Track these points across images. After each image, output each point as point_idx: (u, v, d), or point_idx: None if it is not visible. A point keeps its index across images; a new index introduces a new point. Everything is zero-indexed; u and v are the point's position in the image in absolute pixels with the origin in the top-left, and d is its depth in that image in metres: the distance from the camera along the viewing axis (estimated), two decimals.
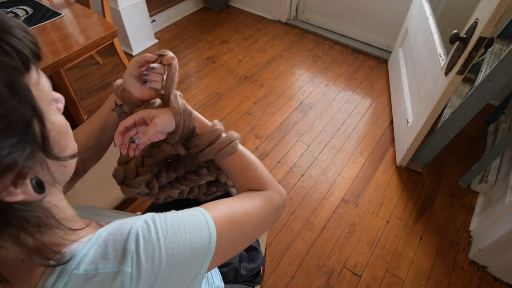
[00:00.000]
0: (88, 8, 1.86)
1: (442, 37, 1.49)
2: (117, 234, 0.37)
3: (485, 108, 1.59)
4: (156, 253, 0.36)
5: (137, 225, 0.38)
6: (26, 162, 0.30)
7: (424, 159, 1.69)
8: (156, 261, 0.36)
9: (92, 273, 0.34)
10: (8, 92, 0.28)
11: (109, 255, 0.35)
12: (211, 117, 1.99)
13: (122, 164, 0.62)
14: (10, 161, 0.28)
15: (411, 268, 1.38)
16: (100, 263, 0.34)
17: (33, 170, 0.31)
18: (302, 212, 1.55)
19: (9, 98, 0.28)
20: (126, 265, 0.35)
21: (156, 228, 0.38)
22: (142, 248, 0.36)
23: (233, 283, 0.82)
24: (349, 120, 2.01)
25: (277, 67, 2.37)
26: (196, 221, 0.42)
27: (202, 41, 2.58)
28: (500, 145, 1.40)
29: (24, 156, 0.29)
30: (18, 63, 0.29)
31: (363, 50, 2.53)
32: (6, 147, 0.28)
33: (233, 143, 0.57)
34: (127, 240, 0.36)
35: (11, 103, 0.28)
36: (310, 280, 1.33)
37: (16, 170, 0.29)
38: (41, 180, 0.32)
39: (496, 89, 1.25)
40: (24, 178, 0.30)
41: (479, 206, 1.57)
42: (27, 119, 0.29)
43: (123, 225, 0.38)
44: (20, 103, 0.29)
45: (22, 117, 0.29)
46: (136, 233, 0.37)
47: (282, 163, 1.76)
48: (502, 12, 1.01)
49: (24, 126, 0.29)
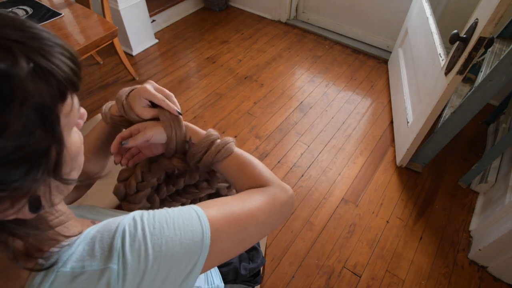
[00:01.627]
0: (88, 8, 1.86)
1: (442, 37, 1.49)
2: (105, 232, 0.37)
3: (485, 108, 1.59)
4: (142, 249, 0.36)
5: (124, 222, 0.38)
6: (32, 185, 0.29)
7: (424, 159, 1.69)
8: (142, 257, 0.36)
9: (78, 271, 0.34)
10: (38, 121, 0.27)
11: (95, 252, 0.35)
12: (211, 117, 2.00)
13: (122, 181, 0.64)
14: (16, 186, 0.27)
15: (411, 268, 1.38)
16: (87, 260, 0.34)
17: (35, 190, 0.31)
18: (302, 212, 1.55)
19: (36, 128, 0.26)
20: (112, 262, 0.34)
21: (143, 224, 0.38)
22: (128, 245, 0.35)
23: (233, 283, 0.82)
24: (349, 120, 2.01)
25: (277, 67, 2.37)
26: (188, 217, 0.41)
27: (202, 41, 2.58)
28: (500, 145, 1.40)
29: (31, 180, 0.28)
30: (56, 93, 0.28)
31: (363, 50, 2.53)
32: (17, 175, 0.27)
33: (228, 145, 0.57)
34: (114, 237, 0.36)
35: (36, 134, 0.27)
36: (310, 280, 1.33)
37: (19, 193, 0.28)
38: (39, 198, 0.31)
39: (496, 89, 1.25)
40: (23, 198, 0.29)
41: (479, 206, 1.57)
42: (46, 148, 0.28)
43: (112, 222, 0.38)
44: (45, 133, 0.28)
45: (42, 146, 0.28)
46: (122, 230, 0.37)
47: (282, 163, 1.76)
48: (502, 12, 1.01)
49: (41, 154, 0.28)
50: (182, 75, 2.27)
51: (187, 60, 2.41)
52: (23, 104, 0.25)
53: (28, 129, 0.26)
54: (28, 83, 0.26)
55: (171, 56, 2.43)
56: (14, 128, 0.25)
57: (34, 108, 0.26)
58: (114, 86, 2.17)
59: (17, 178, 0.27)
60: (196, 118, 1.98)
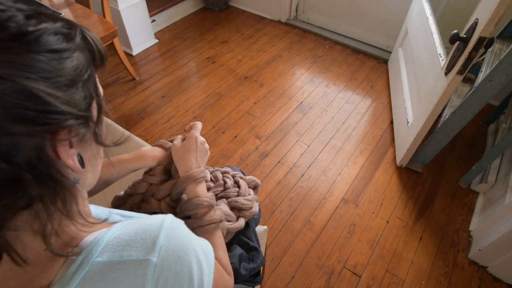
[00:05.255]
0: (88, 8, 1.86)
1: (442, 37, 1.49)
2: (147, 225, 0.38)
3: (485, 108, 1.59)
4: (182, 253, 0.38)
5: (168, 220, 0.39)
6: (81, 128, 0.32)
7: (424, 159, 1.69)
8: (180, 259, 0.37)
9: (116, 260, 0.34)
10: (87, 65, 0.33)
11: (136, 243, 0.35)
12: (211, 117, 2.00)
13: (114, 207, 0.70)
14: (78, 113, 0.31)
15: (411, 268, 1.38)
16: (126, 250, 0.35)
17: (81, 145, 0.35)
18: (302, 212, 1.55)
19: (86, 70, 0.33)
20: (153, 255, 0.35)
21: (184, 227, 0.41)
22: (172, 243, 0.37)
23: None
24: (349, 120, 2.01)
25: (277, 67, 2.37)
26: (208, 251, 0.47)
27: (202, 41, 2.58)
28: (500, 145, 1.40)
29: (83, 120, 0.32)
30: (97, 57, 0.36)
31: (363, 50, 2.53)
32: (80, 100, 0.32)
33: (212, 225, 0.62)
34: (159, 231, 0.37)
35: (86, 74, 0.33)
36: (310, 280, 1.33)
37: (75, 130, 0.32)
38: (82, 157, 0.35)
39: (496, 89, 1.25)
40: (73, 147, 0.33)
41: (479, 206, 1.57)
42: (91, 98, 0.34)
43: (154, 218, 0.39)
44: (92, 83, 0.34)
45: (89, 92, 0.34)
46: (169, 228, 0.38)
47: (282, 163, 1.76)
48: (502, 12, 1.01)
49: (92, 91, 0.34)
50: (182, 75, 2.27)
51: (187, 60, 2.41)
52: (77, 43, 0.33)
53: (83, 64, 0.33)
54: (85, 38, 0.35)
55: (171, 56, 2.43)
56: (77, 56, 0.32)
57: (85, 47, 0.34)
58: (114, 86, 2.17)
59: (80, 102, 0.32)
60: (196, 118, 1.98)
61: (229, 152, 1.81)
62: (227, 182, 0.83)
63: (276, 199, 1.60)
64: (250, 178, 0.87)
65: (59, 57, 0.30)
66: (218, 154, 1.80)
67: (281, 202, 1.59)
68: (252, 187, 0.87)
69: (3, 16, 0.27)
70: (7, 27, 0.27)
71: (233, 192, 0.81)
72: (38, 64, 0.28)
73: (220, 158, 1.78)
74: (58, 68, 0.29)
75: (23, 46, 0.27)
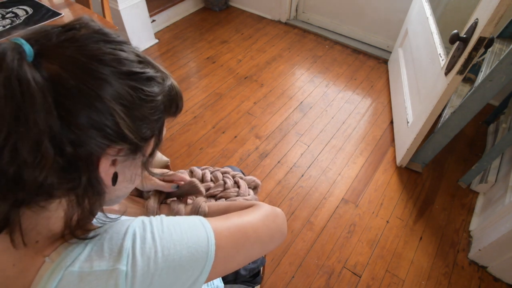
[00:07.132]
0: (88, 8, 1.86)
1: (442, 37, 1.49)
2: (114, 233, 0.37)
3: (485, 108, 1.59)
4: (152, 252, 0.36)
5: (134, 224, 0.38)
6: (129, 152, 0.38)
7: (424, 159, 1.69)
8: (152, 260, 0.36)
9: (87, 271, 0.34)
10: (161, 110, 0.40)
11: (104, 253, 0.35)
12: (211, 117, 2.00)
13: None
14: (143, 134, 0.38)
15: (411, 268, 1.38)
16: (95, 260, 0.34)
17: (122, 166, 0.39)
18: (302, 212, 1.55)
19: (158, 113, 0.39)
20: (122, 263, 0.34)
21: (152, 227, 0.39)
22: (138, 247, 0.36)
23: (233, 283, 0.82)
24: (349, 120, 2.01)
25: (277, 67, 2.37)
26: (192, 224, 0.42)
27: (202, 41, 2.58)
28: (500, 145, 1.40)
29: (134, 147, 0.37)
30: (174, 108, 0.44)
31: (363, 50, 2.53)
32: (143, 129, 0.37)
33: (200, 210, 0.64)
34: (124, 238, 0.36)
35: (156, 115, 0.39)
36: (310, 280, 1.33)
37: (123, 152, 0.37)
38: (117, 177, 0.39)
39: (496, 89, 1.25)
40: (115, 165, 0.37)
41: (479, 206, 1.57)
42: (153, 133, 0.40)
43: (120, 224, 0.38)
44: (158, 123, 0.41)
45: (160, 125, 0.41)
46: (133, 232, 0.37)
47: (282, 163, 1.76)
48: (502, 12, 1.01)
49: (156, 130, 0.40)
50: (182, 75, 2.27)
51: (187, 60, 2.41)
52: (163, 91, 0.40)
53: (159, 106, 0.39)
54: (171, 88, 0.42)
55: (171, 56, 2.43)
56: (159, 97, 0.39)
57: (168, 97, 0.41)
58: None
59: (141, 134, 0.37)
60: (196, 118, 1.98)
61: (229, 152, 1.81)
62: (227, 182, 0.83)
63: (276, 199, 1.60)
64: (250, 178, 0.87)
65: (145, 96, 0.36)
66: (218, 154, 1.80)
67: (281, 202, 1.59)
68: (252, 187, 0.87)
69: (123, 55, 0.36)
70: (123, 63, 0.35)
71: (232, 192, 0.81)
72: (126, 93, 0.34)
73: (220, 158, 1.78)
74: (138, 104, 0.36)
75: (124, 77, 0.35)
